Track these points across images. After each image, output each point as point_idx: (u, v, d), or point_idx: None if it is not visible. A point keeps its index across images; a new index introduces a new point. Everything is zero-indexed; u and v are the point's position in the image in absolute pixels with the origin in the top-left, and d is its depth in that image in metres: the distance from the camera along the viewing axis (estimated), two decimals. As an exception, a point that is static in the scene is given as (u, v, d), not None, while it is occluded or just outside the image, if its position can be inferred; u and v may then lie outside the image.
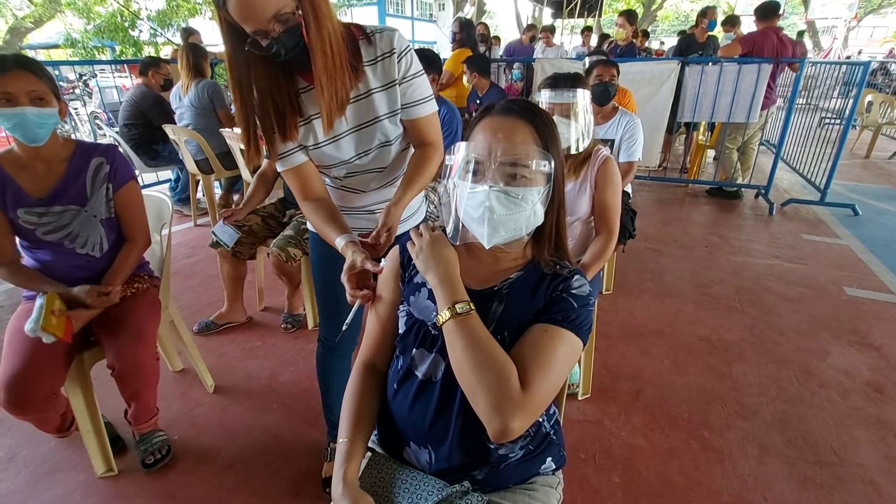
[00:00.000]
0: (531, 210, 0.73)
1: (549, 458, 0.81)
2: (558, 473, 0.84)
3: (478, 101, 3.62)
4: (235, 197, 3.81)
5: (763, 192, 4.04)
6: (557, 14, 16.48)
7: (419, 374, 0.76)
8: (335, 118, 0.97)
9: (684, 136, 5.12)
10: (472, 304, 0.70)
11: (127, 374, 1.35)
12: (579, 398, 1.80)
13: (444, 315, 0.69)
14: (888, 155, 5.90)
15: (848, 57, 14.32)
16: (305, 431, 1.65)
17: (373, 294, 0.86)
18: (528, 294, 0.74)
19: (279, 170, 1.07)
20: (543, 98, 1.50)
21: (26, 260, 1.35)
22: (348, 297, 0.86)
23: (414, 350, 0.77)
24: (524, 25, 15.76)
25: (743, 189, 4.21)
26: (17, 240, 1.34)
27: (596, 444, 1.61)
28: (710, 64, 3.78)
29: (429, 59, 2.60)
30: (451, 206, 0.74)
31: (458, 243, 0.76)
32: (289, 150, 1.03)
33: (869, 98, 6.10)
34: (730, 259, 3.06)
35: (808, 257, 3.08)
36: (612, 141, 2.46)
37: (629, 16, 4.55)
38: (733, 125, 3.87)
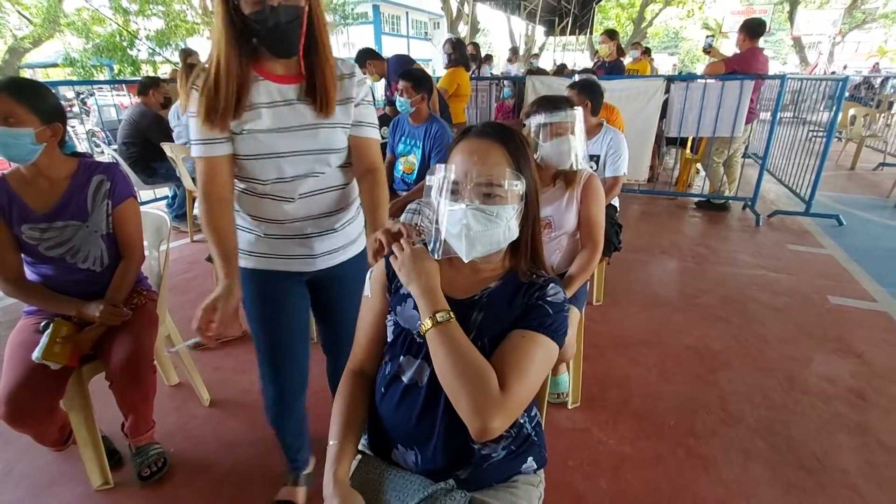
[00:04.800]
0: (506, 226, 0.78)
1: (530, 458, 0.85)
2: (539, 473, 0.88)
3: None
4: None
5: (750, 203, 4.12)
6: (549, 32, 16.85)
7: (405, 379, 0.81)
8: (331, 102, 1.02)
9: (675, 150, 5.23)
10: (451, 313, 0.75)
11: (125, 387, 1.38)
12: (569, 407, 1.84)
13: (426, 324, 0.74)
14: (872, 166, 6.04)
15: (833, 72, 14.65)
16: (299, 443, 1.68)
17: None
18: (507, 302, 0.79)
19: (193, 154, 1.03)
20: (537, 120, 1.56)
21: (29, 275, 1.39)
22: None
23: (401, 357, 0.82)
24: (517, 43, 16.07)
25: (730, 201, 4.30)
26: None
27: (584, 452, 1.64)
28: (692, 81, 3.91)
29: (420, 79, 2.69)
30: (434, 222, 0.80)
31: (440, 257, 0.81)
32: (215, 138, 0.99)
33: (852, 111, 6.26)
34: (717, 269, 3.12)
35: (793, 267, 3.15)
36: (598, 157, 2.54)
37: (610, 33, 4.72)
38: (719, 139, 3.97)
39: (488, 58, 6.72)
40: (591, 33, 17.94)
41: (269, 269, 1.18)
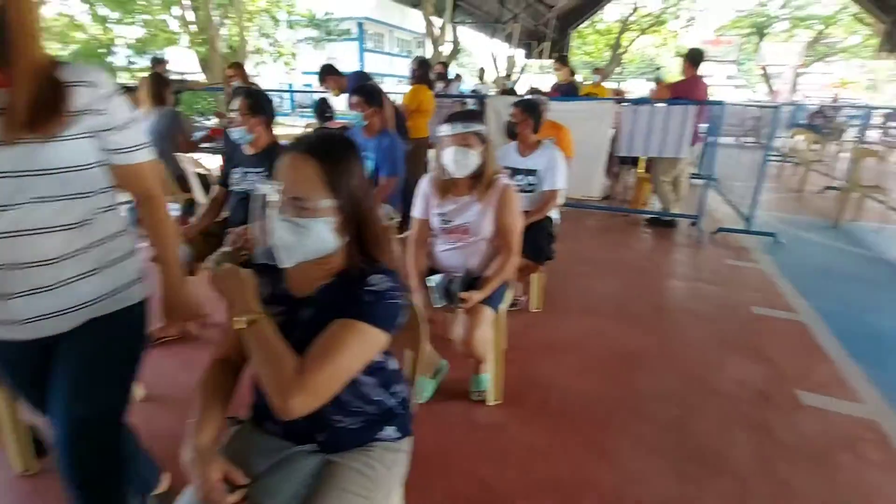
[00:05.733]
0: (320, 237, 0.82)
1: (390, 428, 0.95)
2: (403, 441, 0.99)
3: None
4: (192, 220, 3.92)
5: (695, 221, 4.34)
6: (528, 55, 17.41)
7: None
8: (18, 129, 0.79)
9: (630, 169, 5.49)
10: (254, 316, 0.80)
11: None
12: (489, 404, 1.94)
13: (237, 325, 0.81)
14: (818, 189, 6.39)
15: (794, 101, 15.43)
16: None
17: None
18: (336, 297, 0.85)
19: None
20: (444, 131, 1.71)
21: None
22: None
23: None
24: (497, 64, 16.51)
25: (678, 218, 4.52)
26: None
27: (497, 445, 1.74)
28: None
29: (371, 94, 2.83)
30: (266, 230, 0.84)
31: (261, 262, 0.87)
32: None
33: (801, 138, 6.65)
34: (655, 282, 3.29)
35: (728, 280, 3.34)
36: (537, 171, 2.69)
37: (561, 59, 5.01)
38: (666, 160, 4.20)
39: (458, 77, 6.97)
40: (568, 57, 18.51)
41: None
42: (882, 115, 12.34)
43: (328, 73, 3.71)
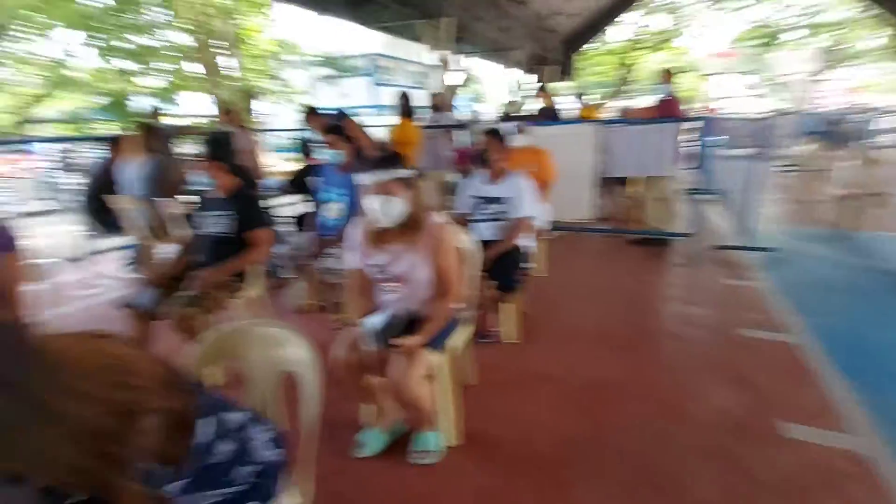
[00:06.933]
0: None
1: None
2: None
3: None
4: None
5: (692, 239, 4.21)
6: (540, 79, 17.61)
7: None
8: None
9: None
10: None
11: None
12: (448, 445, 1.85)
13: None
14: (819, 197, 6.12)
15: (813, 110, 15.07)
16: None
17: None
18: None
19: None
20: (365, 180, 1.66)
21: None
22: None
23: None
24: (516, 90, 16.71)
25: (673, 237, 4.39)
26: None
27: (450, 490, 1.67)
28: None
29: (341, 130, 2.89)
30: None
31: None
32: None
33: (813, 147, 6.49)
34: (642, 304, 3.19)
35: (719, 301, 3.20)
36: (505, 199, 2.68)
37: (541, 88, 5.08)
38: (654, 179, 4.13)
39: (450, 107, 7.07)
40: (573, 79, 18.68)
41: None
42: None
43: (312, 113, 3.89)
